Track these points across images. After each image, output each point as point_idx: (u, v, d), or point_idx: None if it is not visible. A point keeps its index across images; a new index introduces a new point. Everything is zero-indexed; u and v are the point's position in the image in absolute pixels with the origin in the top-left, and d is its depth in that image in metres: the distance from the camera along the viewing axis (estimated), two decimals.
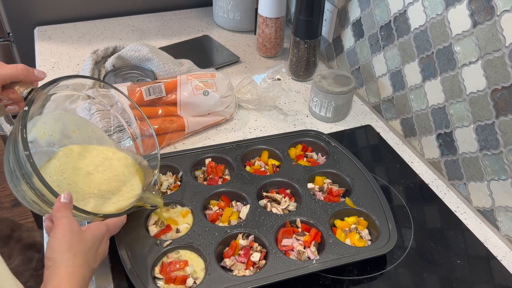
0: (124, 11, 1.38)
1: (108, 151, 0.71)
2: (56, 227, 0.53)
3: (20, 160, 0.54)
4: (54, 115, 0.68)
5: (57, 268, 0.50)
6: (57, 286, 0.48)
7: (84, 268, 0.52)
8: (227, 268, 0.65)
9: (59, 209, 0.54)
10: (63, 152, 0.68)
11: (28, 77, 0.61)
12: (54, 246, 0.51)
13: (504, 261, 0.72)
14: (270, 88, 0.96)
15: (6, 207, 1.87)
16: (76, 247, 0.52)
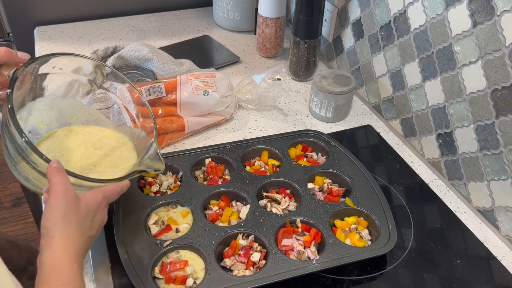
0: (124, 11, 1.38)
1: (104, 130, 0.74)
2: (51, 195, 0.53)
3: (13, 136, 0.56)
4: (47, 100, 0.69)
5: (52, 238, 0.50)
6: (52, 255, 0.49)
7: (79, 236, 0.53)
8: (227, 268, 0.65)
9: (53, 173, 0.54)
10: (61, 131, 0.70)
11: (12, 58, 0.61)
12: (49, 215, 0.51)
13: (504, 261, 0.72)
14: (270, 88, 0.96)
15: (6, 207, 1.87)
16: (71, 216, 0.52)
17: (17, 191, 1.91)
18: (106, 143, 0.72)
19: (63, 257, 0.49)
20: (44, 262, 0.49)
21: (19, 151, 0.57)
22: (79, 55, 0.70)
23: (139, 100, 0.76)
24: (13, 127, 0.55)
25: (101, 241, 0.70)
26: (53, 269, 0.48)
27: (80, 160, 0.67)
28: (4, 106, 0.57)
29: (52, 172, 0.54)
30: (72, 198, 0.54)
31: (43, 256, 0.49)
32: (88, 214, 0.56)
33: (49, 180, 0.54)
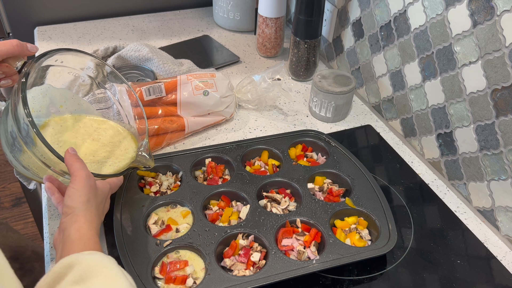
0: (124, 11, 1.38)
1: (98, 120, 0.76)
2: (75, 178, 0.57)
3: (22, 128, 0.58)
4: (42, 88, 0.71)
5: (77, 216, 0.54)
6: (79, 229, 0.53)
7: (98, 219, 0.58)
8: (227, 268, 0.65)
9: (72, 159, 0.58)
10: (55, 121, 0.72)
11: (23, 51, 0.64)
12: (74, 196, 0.56)
13: (504, 261, 0.72)
14: (270, 88, 0.96)
15: (6, 207, 1.87)
16: (92, 200, 0.57)
17: (17, 191, 1.91)
18: (104, 134, 0.74)
19: (88, 231, 0.53)
20: (70, 235, 0.52)
21: (26, 140, 0.59)
22: (84, 52, 0.71)
23: (137, 102, 0.76)
24: (26, 118, 0.57)
25: (101, 241, 0.70)
26: (79, 241, 0.52)
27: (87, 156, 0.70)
28: (15, 96, 0.59)
29: (71, 158, 0.58)
30: (94, 184, 0.59)
31: (68, 230, 0.53)
32: (102, 201, 0.62)
33: (70, 165, 0.58)
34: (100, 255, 0.50)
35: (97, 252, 0.51)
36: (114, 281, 0.47)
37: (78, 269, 0.47)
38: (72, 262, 0.47)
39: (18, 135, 0.60)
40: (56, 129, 0.71)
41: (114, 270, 0.49)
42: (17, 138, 0.61)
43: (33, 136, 0.58)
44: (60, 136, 0.70)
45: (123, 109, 0.78)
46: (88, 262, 0.48)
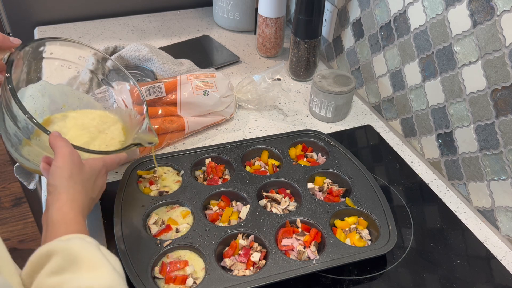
0: (124, 11, 1.38)
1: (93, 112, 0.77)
2: (57, 156, 0.56)
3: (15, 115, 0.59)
4: (38, 86, 0.72)
5: (59, 194, 0.53)
6: (60, 209, 0.52)
7: (83, 195, 0.56)
8: (227, 268, 0.65)
9: (56, 138, 0.58)
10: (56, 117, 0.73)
11: (4, 42, 0.64)
12: (56, 174, 0.55)
13: (504, 261, 0.72)
14: (270, 88, 0.96)
15: (6, 207, 1.87)
16: (76, 175, 0.56)
17: (17, 191, 1.91)
18: (97, 124, 0.75)
19: (70, 212, 0.52)
20: (51, 216, 0.51)
21: (21, 129, 0.60)
22: (78, 42, 0.72)
23: (138, 99, 0.76)
24: (16, 106, 0.58)
25: (101, 241, 0.70)
26: (61, 223, 0.51)
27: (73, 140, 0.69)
28: (3, 88, 0.60)
29: (55, 137, 0.58)
30: (77, 160, 0.58)
31: (50, 211, 0.52)
32: (91, 177, 0.60)
33: (53, 144, 0.57)
34: (79, 241, 0.48)
35: (75, 237, 0.49)
36: (95, 269, 0.45)
37: (56, 259, 0.45)
38: (49, 251, 0.46)
39: (13, 124, 0.60)
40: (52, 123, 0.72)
41: (95, 256, 0.47)
42: (13, 129, 0.61)
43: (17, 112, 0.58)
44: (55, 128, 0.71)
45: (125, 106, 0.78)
46: (67, 251, 0.46)
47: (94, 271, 0.45)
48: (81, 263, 0.45)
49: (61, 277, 0.44)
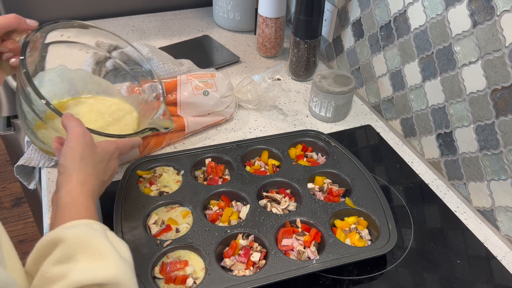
0: (124, 11, 1.38)
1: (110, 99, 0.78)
2: (70, 136, 0.55)
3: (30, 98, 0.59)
4: (57, 70, 0.72)
5: (69, 175, 0.53)
6: (69, 192, 0.51)
7: (94, 178, 0.56)
8: (227, 268, 0.65)
9: (69, 118, 0.57)
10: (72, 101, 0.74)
11: (21, 24, 0.63)
12: (67, 154, 0.54)
13: (504, 261, 0.72)
14: (270, 88, 0.96)
15: (6, 207, 1.87)
16: (88, 157, 0.55)
17: (17, 191, 1.91)
18: (112, 111, 0.75)
19: (80, 196, 0.51)
20: (61, 199, 0.51)
21: (36, 112, 0.60)
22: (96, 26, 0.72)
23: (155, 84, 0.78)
24: (31, 90, 0.58)
25: None
26: (70, 206, 0.50)
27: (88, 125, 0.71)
28: (19, 71, 0.60)
29: (67, 117, 0.57)
30: (90, 141, 0.57)
31: (60, 192, 0.51)
32: (103, 159, 0.59)
33: (66, 124, 0.57)
34: (85, 228, 0.47)
35: (82, 224, 0.48)
36: (101, 258, 0.45)
37: (62, 247, 0.44)
38: (55, 239, 0.45)
39: (28, 107, 0.60)
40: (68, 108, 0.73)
41: (102, 244, 0.46)
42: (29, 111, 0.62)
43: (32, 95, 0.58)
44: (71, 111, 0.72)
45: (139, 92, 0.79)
46: (73, 238, 0.45)
47: (100, 261, 0.45)
48: (86, 251, 0.45)
49: (65, 266, 0.43)
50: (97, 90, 0.77)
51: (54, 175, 0.82)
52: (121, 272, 0.45)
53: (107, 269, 0.44)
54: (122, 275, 0.45)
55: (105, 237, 0.48)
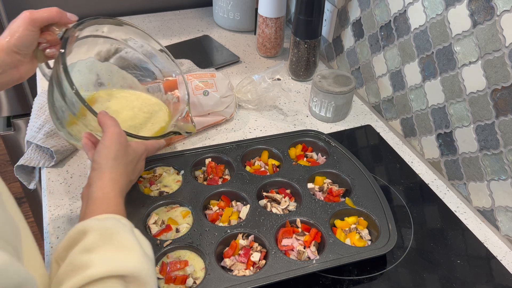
0: (124, 11, 1.38)
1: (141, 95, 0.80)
2: (106, 135, 0.58)
3: (65, 92, 0.61)
4: (87, 62, 0.74)
5: (102, 173, 0.55)
6: (102, 187, 0.54)
7: (125, 177, 0.58)
8: (227, 268, 0.65)
9: (105, 116, 0.59)
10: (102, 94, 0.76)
11: (62, 18, 0.65)
12: (102, 152, 0.57)
13: (504, 261, 0.72)
14: (270, 88, 0.96)
15: None
16: (121, 157, 0.58)
17: (17, 191, 1.91)
18: (146, 108, 0.77)
19: (111, 192, 0.54)
20: (93, 193, 0.53)
21: (68, 106, 0.62)
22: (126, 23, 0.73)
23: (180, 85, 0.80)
24: (67, 84, 0.60)
25: None
26: (101, 201, 0.53)
27: (125, 122, 0.73)
28: (56, 64, 0.61)
29: (104, 116, 0.60)
30: (124, 141, 0.59)
31: (92, 187, 0.54)
32: (133, 159, 0.62)
33: (103, 122, 0.59)
34: (114, 221, 0.50)
35: (112, 218, 0.50)
36: (126, 251, 0.47)
37: (90, 237, 0.47)
38: (85, 228, 0.47)
39: (61, 99, 0.62)
40: (100, 103, 0.74)
41: (127, 238, 0.48)
42: (61, 104, 0.63)
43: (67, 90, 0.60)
44: (105, 107, 0.74)
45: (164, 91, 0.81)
46: (101, 230, 0.48)
47: (124, 253, 0.47)
48: (113, 243, 0.47)
49: (92, 255, 0.45)
50: (122, 84, 0.79)
51: (54, 175, 0.82)
52: (143, 266, 0.46)
53: (130, 262, 0.46)
54: (143, 270, 0.46)
55: (131, 233, 0.49)
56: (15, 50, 0.62)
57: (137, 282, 0.46)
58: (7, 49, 0.62)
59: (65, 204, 0.77)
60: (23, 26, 0.61)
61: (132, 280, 0.46)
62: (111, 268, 0.44)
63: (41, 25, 0.63)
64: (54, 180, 0.81)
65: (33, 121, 0.89)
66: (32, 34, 0.62)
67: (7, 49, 0.62)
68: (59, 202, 0.77)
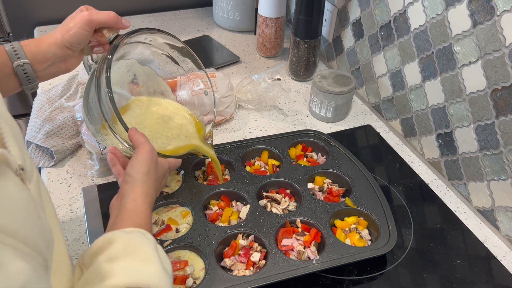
0: (124, 11, 1.38)
1: (173, 105, 0.81)
2: (140, 150, 0.60)
3: (101, 98, 0.63)
4: (128, 62, 0.76)
5: (135, 186, 0.57)
6: (134, 200, 0.56)
7: (154, 191, 0.60)
8: (227, 268, 0.65)
9: (136, 133, 0.62)
10: (135, 103, 0.78)
11: (117, 24, 0.68)
12: (136, 166, 0.59)
13: (504, 261, 0.72)
14: (270, 88, 0.96)
15: None
16: (152, 173, 0.60)
17: None
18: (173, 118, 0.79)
19: (142, 205, 0.56)
20: (125, 204, 0.56)
21: (102, 112, 0.64)
22: (171, 35, 0.75)
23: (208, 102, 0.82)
24: (107, 94, 0.62)
25: None
26: (132, 213, 0.55)
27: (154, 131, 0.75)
28: (101, 67, 0.63)
29: (135, 133, 0.62)
30: (155, 158, 0.62)
31: (124, 199, 0.56)
32: (161, 175, 0.65)
33: (135, 139, 0.62)
34: (140, 235, 0.51)
35: (138, 232, 0.52)
36: (146, 263, 0.48)
37: (115, 246, 0.48)
38: (112, 238, 0.49)
39: (97, 103, 0.64)
40: (136, 112, 0.76)
41: (150, 252, 0.49)
42: (95, 106, 0.65)
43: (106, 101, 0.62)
44: (136, 116, 0.76)
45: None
46: (127, 241, 0.49)
47: (146, 266, 0.48)
48: (136, 255, 0.48)
49: (115, 264, 0.46)
50: (156, 89, 0.81)
51: (54, 175, 0.82)
52: (162, 281, 0.48)
53: (151, 275, 0.47)
54: (161, 284, 0.48)
55: (154, 248, 0.51)
56: (68, 46, 0.65)
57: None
58: (60, 44, 0.65)
59: (65, 204, 0.77)
60: (79, 25, 0.64)
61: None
62: (132, 279, 0.46)
63: (97, 27, 0.66)
64: (54, 180, 0.81)
65: (33, 121, 0.89)
66: (86, 33, 0.65)
67: (61, 43, 0.65)
68: (59, 202, 0.77)
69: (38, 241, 0.34)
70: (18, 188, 0.34)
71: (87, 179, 0.82)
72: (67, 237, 0.72)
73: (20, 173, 0.35)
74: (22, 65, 0.62)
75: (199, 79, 0.92)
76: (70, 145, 0.85)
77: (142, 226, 0.54)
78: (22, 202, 0.34)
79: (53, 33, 0.65)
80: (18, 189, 0.34)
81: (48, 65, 0.65)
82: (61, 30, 0.65)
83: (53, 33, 0.65)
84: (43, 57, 0.64)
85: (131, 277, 0.46)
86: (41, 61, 0.64)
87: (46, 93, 0.96)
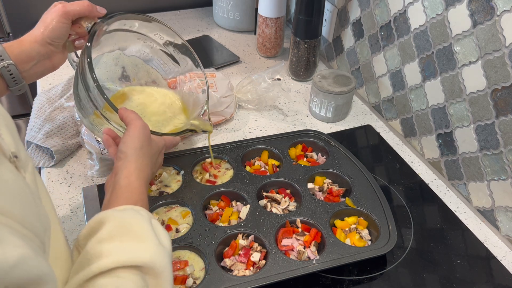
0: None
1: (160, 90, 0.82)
2: (131, 126, 0.59)
3: (88, 85, 0.62)
4: (113, 55, 0.76)
5: (128, 162, 0.57)
6: (127, 176, 0.55)
7: (149, 168, 0.60)
8: (227, 268, 0.65)
9: (126, 111, 0.61)
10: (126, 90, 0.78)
11: (92, 12, 0.69)
12: (128, 142, 0.58)
13: (504, 261, 0.72)
14: (270, 88, 0.96)
15: None
16: (146, 148, 0.59)
17: None
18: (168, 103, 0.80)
19: (136, 181, 0.55)
20: (119, 181, 0.55)
21: (92, 99, 0.63)
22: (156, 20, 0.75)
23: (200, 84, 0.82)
24: (91, 79, 0.61)
25: None
26: (126, 189, 0.54)
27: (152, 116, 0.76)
28: (82, 57, 0.63)
29: (125, 110, 0.62)
30: (148, 133, 0.61)
31: (118, 176, 0.55)
32: (156, 153, 0.65)
33: (126, 116, 0.61)
34: (132, 213, 0.50)
35: (130, 209, 0.51)
36: (139, 240, 0.48)
37: (107, 226, 0.48)
38: (104, 218, 0.49)
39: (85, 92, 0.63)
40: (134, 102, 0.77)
41: (143, 229, 0.49)
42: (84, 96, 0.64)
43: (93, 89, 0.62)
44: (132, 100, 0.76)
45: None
46: (119, 220, 0.49)
47: (139, 244, 0.47)
48: (128, 234, 0.48)
49: (109, 245, 0.46)
50: (147, 79, 0.81)
51: (54, 175, 0.82)
52: (157, 257, 0.47)
53: (144, 253, 0.47)
54: (158, 260, 0.47)
55: (149, 224, 0.50)
56: (49, 42, 0.65)
57: (153, 273, 0.47)
58: (41, 41, 0.65)
59: (65, 204, 0.77)
60: (56, 19, 0.64)
61: (148, 270, 0.46)
62: (124, 259, 0.45)
63: (73, 18, 0.67)
64: (54, 180, 0.81)
65: (33, 121, 0.89)
66: (64, 26, 0.65)
67: (42, 40, 0.65)
68: (59, 202, 0.77)
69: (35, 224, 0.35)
70: (12, 174, 0.34)
71: (87, 179, 0.82)
72: (67, 237, 0.72)
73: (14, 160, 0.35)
74: (7, 67, 0.62)
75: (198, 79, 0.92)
76: (70, 145, 0.85)
77: (138, 203, 0.53)
78: (17, 187, 0.34)
79: (33, 32, 0.65)
80: (12, 175, 0.34)
81: (33, 64, 0.65)
82: (40, 27, 0.65)
83: (33, 32, 0.65)
84: (26, 56, 0.64)
85: (124, 256, 0.45)
86: (26, 60, 0.64)
87: (46, 93, 0.96)
